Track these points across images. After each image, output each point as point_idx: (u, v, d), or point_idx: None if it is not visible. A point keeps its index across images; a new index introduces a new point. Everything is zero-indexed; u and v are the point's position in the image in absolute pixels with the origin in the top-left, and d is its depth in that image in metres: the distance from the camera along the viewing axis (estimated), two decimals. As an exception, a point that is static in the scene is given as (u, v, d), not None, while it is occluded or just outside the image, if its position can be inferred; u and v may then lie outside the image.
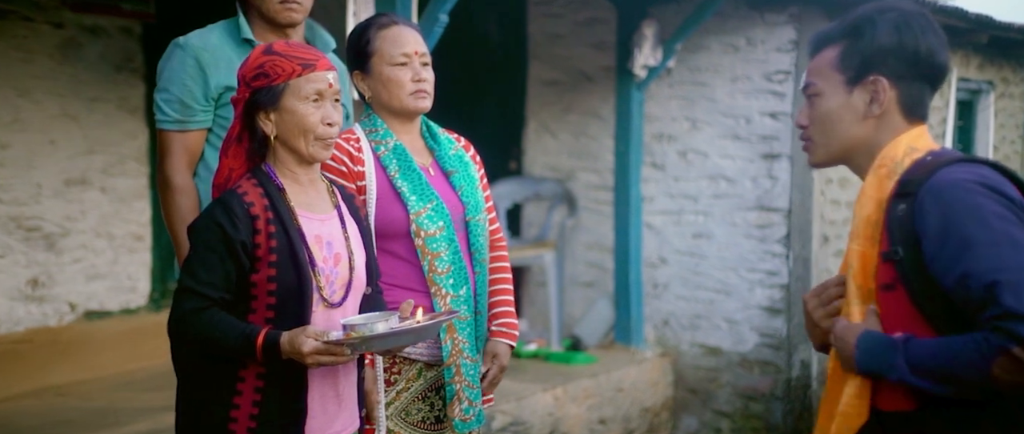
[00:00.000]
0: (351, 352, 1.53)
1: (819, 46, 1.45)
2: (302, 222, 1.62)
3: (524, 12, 5.20)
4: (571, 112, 5.09)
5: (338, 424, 1.70)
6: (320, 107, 1.60)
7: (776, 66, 4.48)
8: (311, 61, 1.61)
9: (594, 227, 5.01)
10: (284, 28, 2.04)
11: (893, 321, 1.35)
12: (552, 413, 3.88)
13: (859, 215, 1.40)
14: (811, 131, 1.45)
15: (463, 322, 1.97)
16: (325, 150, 1.63)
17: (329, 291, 1.62)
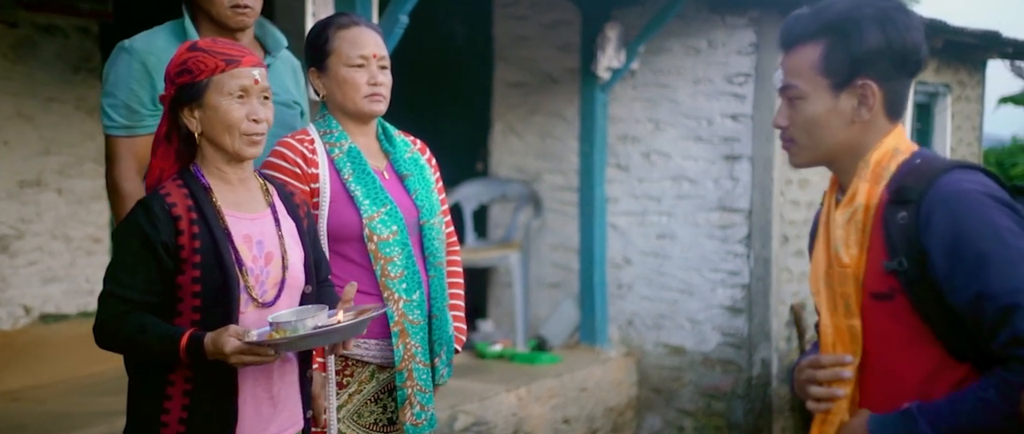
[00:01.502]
0: (275, 351, 1.51)
1: (793, 42, 1.38)
2: (230, 222, 1.60)
3: (490, 14, 5.21)
4: (537, 114, 5.11)
5: (274, 426, 1.68)
6: (245, 103, 1.59)
7: (736, 68, 4.54)
8: (235, 57, 1.59)
9: (559, 228, 5.03)
10: (234, 32, 2.02)
11: (888, 329, 1.31)
12: (515, 413, 3.90)
13: (847, 221, 1.34)
14: (793, 133, 1.39)
15: (416, 326, 1.96)
16: (251, 147, 1.61)
17: (259, 290, 1.61)
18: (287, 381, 1.69)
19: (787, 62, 1.39)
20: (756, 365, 4.50)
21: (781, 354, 4.58)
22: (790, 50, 1.39)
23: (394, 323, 1.93)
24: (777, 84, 1.41)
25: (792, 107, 1.38)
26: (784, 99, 1.40)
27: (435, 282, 2.02)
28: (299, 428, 1.74)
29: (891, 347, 1.31)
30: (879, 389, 1.33)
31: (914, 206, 1.27)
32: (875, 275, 1.31)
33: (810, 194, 4.79)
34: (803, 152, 1.40)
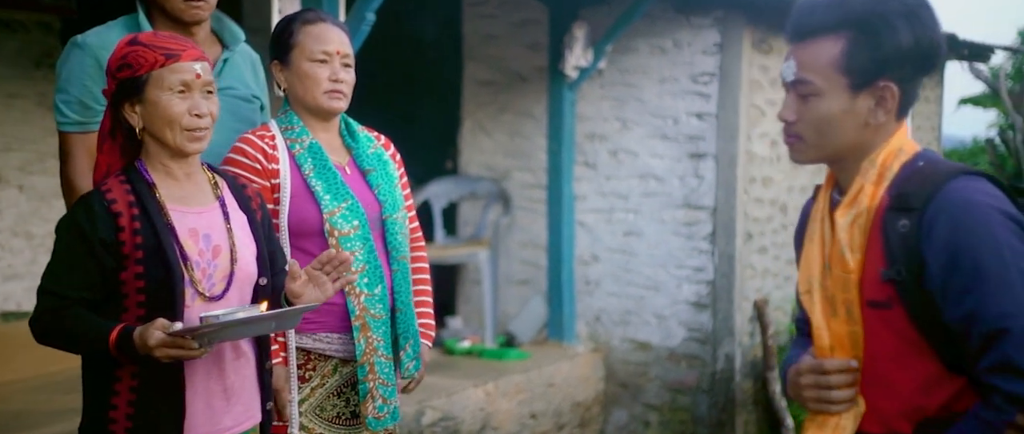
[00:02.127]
0: (200, 344, 1.50)
1: (809, 33, 1.28)
2: (174, 216, 1.60)
3: (459, 13, 5.23)
4: (506, 112, 5.14)
5: (228, 420, 1.68)
6: (186, 98, 1.58)
7: (701, 68, 4.60)
8: (175, 51, 1.58)
9: (528, 226, 5.06)
10: (189, 25, 2.01)
11: (884, 338, 1.27)
12: (483, 408, 3.93)
13: (850, 223, 1.28)
14: (800, 129, 1.31)
15: (378, 321, 1.97)
16: (193, 142, 1.60)
17: (206, 284, 1.61)
18: (243, 375, 1.70)
19: (800, 54, 1.29)
20: (720, 360, 4.57)
21: (744, 349, 4.66)
22: (804, 41, 1.29)
23: (355, 317, 1.94)
24: (787, 77, 1.31)
25: (803, 103, 1.29)
26: (794, 94, 1.31)
27: (399, 276, 2.03)
28: (257, 421, 1.74)
29: (886, 356, 1.28)
30: (872, 396, 1.29)
31: (917, 214, 1.22)
32: (872, 282, 1.26)
33: (773, 192, 4.88)
34: (808, 150, 1.32)
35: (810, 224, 1.39)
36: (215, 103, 1.63)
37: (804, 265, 1.37)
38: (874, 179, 1.28)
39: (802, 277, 1.37)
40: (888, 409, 1.27)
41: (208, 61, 1.64)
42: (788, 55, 1.32)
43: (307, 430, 1.96)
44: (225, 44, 2.12)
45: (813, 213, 1.39)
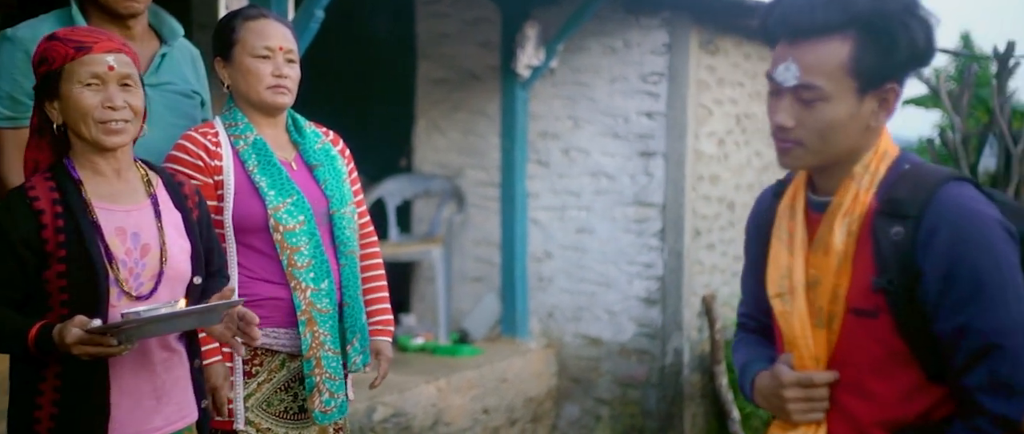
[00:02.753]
0: (120, 341, 1.48)
1: (810, 33, 1.19)
2: (101, 215, 1.58)
3: (412, 11, 5.25)
4: (460, 110, 5.16)
5: (158, 420, 1.66)
6: (99, 91, 1.55)
7: (651, 68, 4.69)
8: (87, 44, 1.55)
9: (482, 223, 5.10)
10: (125, 19, 1.98)
11: (867, 347, 1.23)
12: (435, 404, 3.95)
13: (834, 228, 1.23)
14: (800, 134, 1.22)
15: (324, 315, 1.98)
16: (110, 136, 1.57)
17: (134, 283, 1.59)
18: (175, 374, 1.68)
19: (802, 56, 1.20)
20: (669, 354, 4.67)
21: (693, 343, 4.77)
22: (804, 42, 1.19)
23: (301, 312, 1.95)
24: (787, 81, 1.21)
25: (805, 107, 1.21)
26: (793, 98, 1.22)
27: (347, 271, 2.04)
28: (191, 420, 1.73)
29: (867, 365, 1.24)
30: (847, 404, 1.26)
31: (912, 221, 1.18)
32: (860, 291, 1.22)
33: (721, 190, 4.99)
34: (807, 156, 1.24)
35: (777, 222, 1.33)
36: (137, 96, 1.60)
37: (774, 267, 1.31)
38: (865, 183, 1.23)
39: (773, 279, 1.31)
40: (864, 417, 1.24)
41: (129, 53, 1.61)
42: (782, 56, 1.22)
43: (254, 425, 1.97)
44: (163, 39, 2.10)
45: (780, 211, 1.33)
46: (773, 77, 1.24)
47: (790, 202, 1.33)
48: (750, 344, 1.45)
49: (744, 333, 1.49)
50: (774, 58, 1.25)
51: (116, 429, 1.58)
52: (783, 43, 1.23)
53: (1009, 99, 6.44)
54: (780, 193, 1.37)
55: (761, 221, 1.40)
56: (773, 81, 1.24)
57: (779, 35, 1.23)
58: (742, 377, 1.42)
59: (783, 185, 1.38)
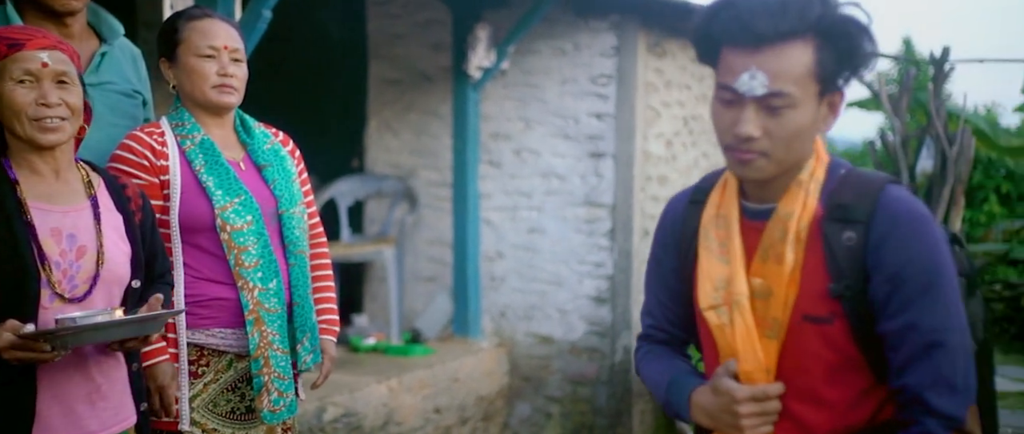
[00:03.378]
0: (53, 347, 1.46)
1: (775, 40, 1.16)
2: (36, 214, 1.56)
3: (363, 12, 5.24)
4: (412, 111, 5.18)
5: (93, 424, 1.62)
6: (33, 88, 1.54)
7: (600, 70, 4.76)
8: (18, 40, 1.54)
9: (434, 223, 5.12)
10: (62, 17, 1.95)
11: (821, 354, 1.22)
12: (386, 404, 3.96)
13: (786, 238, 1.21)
14: (767, 145, 1.19)
15: (273, 314, 1.98)
16: (45, 133, 1.55)
17: (67, 285, 1.56)
18: (112, 377, 1.66)
19: (769, 63, 1.16)
20: (618, 352, 4.75)
21: (642, 340, 4.85)
22: (769, 48, 1.16)
23: (248, 311, 1.95)
24: (756, 90, 1.17)
25: (772, 116, 1.18)
26: (759, 107, 1.18)
27: (296, 270, 2.04)
28: (130, 423, 1.71)
29: (821, 372, 1.23)
30: (799, 413, 1.24)
31: (862, 226, 1.19)
32: (812, 297, 1.21)
33: (668, 190, 5.09)
34: (771, 166, 1.21)
35: (704, 232, 1.30)
36: (74, 94, 1.57)
37: (706, 279, 1.27)
38: (811, 188, 1.22)
39: (705, 291, 1.27)
40: (818, 425, 1.24)
41: (66, 50, 1.59)
42: (743, 65, 1.17)
43: (199, 426, 1.96)
44: (103, 38, 2.07)
45: (706, 221, 1.30)
46: (734, 87, 1.18)
47: (716, 211, 1.30)
48: (663, 357, 1.40)
49: (651, 345, 1.43)
50: (730, 67, 1.18)
51: (46, 431, 1.55)
52: (741, 51, 1.17)
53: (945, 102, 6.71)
54: (699, 201, 1.34)
55: (678, 230, 1.36)
56: (733, 91, 1.18)
57: (735, 42, 1.18)
58: (668, 393, 1.34)
59: (701, 193, 1.35)
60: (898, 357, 1.20)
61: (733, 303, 1.24)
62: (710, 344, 1.31)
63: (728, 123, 1.20)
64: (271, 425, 2.03)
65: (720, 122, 1.22)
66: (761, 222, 1.25)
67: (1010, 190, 10.75)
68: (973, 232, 9.91)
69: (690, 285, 1.33)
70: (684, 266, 1.34)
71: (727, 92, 1.19)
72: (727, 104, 1.20)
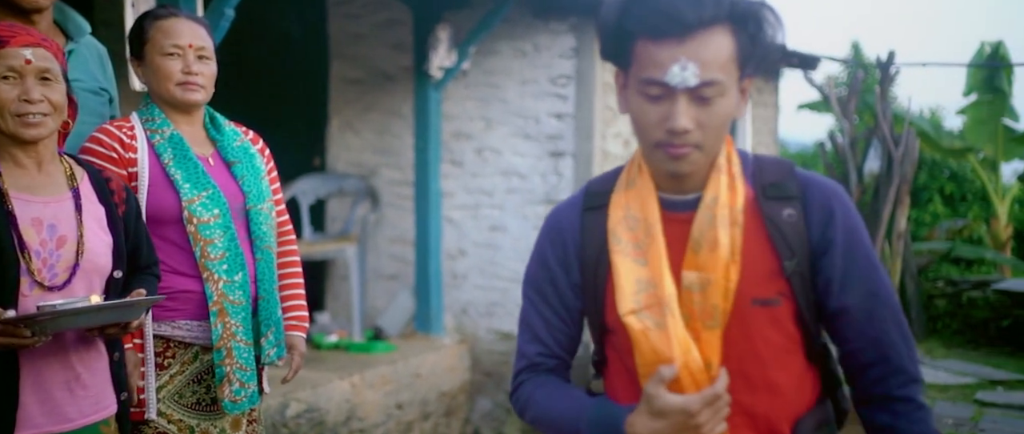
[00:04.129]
0: (33, 333, 1.51)
1: (698, 27, 1.12)
2: (17, 204, 1.60)
3: (324, 12, 5.27)
4: (373, 110, 5.21)
5: (72, 411, 1.66)
6: (16, 84, 1.58)
7: (559, 71, 4.86)
8: (3, 38, 1.59)
9: (396, 221, 5.16)
10: (29, 14, 1.97)
11: (770, 338, 1.20)
12: (349, 400, 3.99)
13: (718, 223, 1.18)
14: (699, 137, 1.16)
15: (237, 307, 2.01)
16: (28, 128, 1.60)
17: (47, 274, 1.60)
18: (94, 367, 1.69)
19: (698, 52, 1.13)
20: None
21: (601, 335, 4.95)
22: (693, 36, 1.12)
23: (213, 303, 1.98)
24: (689, 81, 1.13)
25: (704, 106, 1.14)
26: (690, 98, 1.14)
27: (262, 265, 2.08)
28: (110, 412, 1.74)
29: (771, 357, 1.20)
30: (756, 404, 1.21)
31: (798, 202, 1.20)
32: (758, 279, 1.18)
33: (627, 188, 5.21)
34: (703, 157, 1.18)
35: (613, 236, 1.23)
36: (57, 91, 1.62)
37: (626, 282, 1.20)
38: (734, 173, 1.21)
39: (626, 296, 1.19)
40: (771, 413, 1.21)
41: (50, 48, 1.62)
42: (671, 57, 1.13)
43: (165, 416, 1.99)
44: (69, 36, 2.09)
45: (613, 224, 1.24)
46: (664, 80, 1.13)
47: (624, 212, 1.24)
48: (560, 388, 1.28)
49: (538, 376, 1.31)
50: (653, 60, 1.14)
51: (25, 419, 1.58)
52: (664, 42, 1.13)
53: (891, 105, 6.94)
54: (595, 207, 1.28)
55: (577, 241, 1.28)
56: (661, 84, 1.14)
57: (656, 34, 1.13)
58: (592, 428, 1.21)
59: (596, 198, 1.29)
60: (862, 330, 1.20)
61: (662, 305, 1.17)
62: (624, 354, 1.23)
63: (657, 118, 1.16)
64: (236, 416, 2.07)
65: (646, 119, 1.17)
66: (686, 213, 1.22)
67: (953, 191, 11.13)
68: (918, 231, 10.23)
69: (597, 298, 1.25)
70: (591, 279, 1.25)
71: (654, 87, 1.15)
72: (654, 99, 1.15)
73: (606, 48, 1.22)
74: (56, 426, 1.63)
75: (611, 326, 1.23)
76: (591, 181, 1.33)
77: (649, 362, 1.18)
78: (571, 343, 1.33)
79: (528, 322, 1.32)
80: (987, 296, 7.31)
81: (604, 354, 1.29)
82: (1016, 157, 9.24)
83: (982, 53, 8.99)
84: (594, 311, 1.26)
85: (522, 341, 1.33)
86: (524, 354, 1.32)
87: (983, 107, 8.92)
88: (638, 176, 1.25)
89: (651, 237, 1.21)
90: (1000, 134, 8.98)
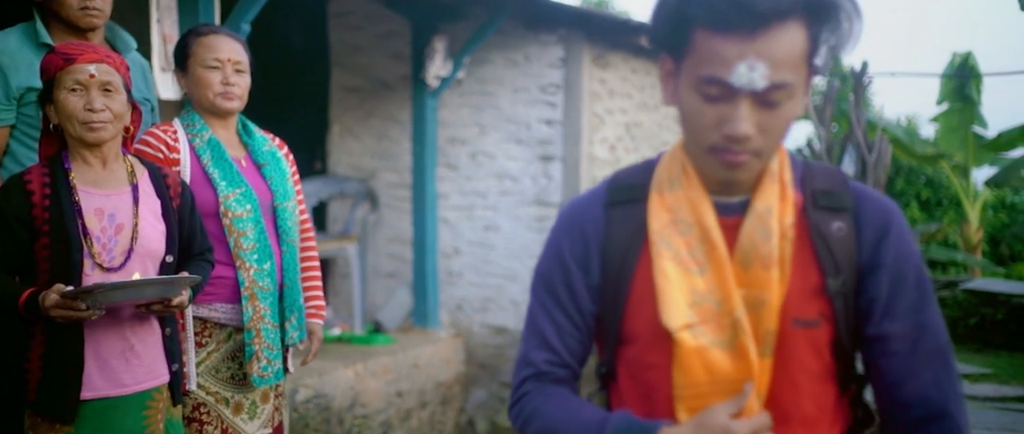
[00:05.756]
0: (88, 306, 1.70)
1: (771, 21, 0.96)
2: (82, 197, 1.80)
3: (325, 24, 5.48)
4: (373, 117, 5.44)
5: (127, 378, 1.85)
6: (82, 95, 1.78)
7: (549, 79, 5.11)
8: (72, 55, 1.79)
9: (395, 222, 5.38)
10: (84, 32, 2.15)
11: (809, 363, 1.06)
12: (353, 387, 4.21)
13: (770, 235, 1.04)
14: (760, 143, 1.01)
15: (265, 292, 2.22)
16: (91, 132, 1.80)
17: (106, 257, 1.79)
18: (147, 341, 1.88)
19: (768, 50, 0.96)
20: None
21: (588, 329, 5.20)
22: (767, 30, 0.96)
23: (244, 288, 2.18)
24: (757, 84, 0.97)
25: (768, 111, 0.99)
26: (754, 102, 0.98)
27: (287, 256, 2.26)
28: (162, 380, 1.92)
29: (804, 385, 1.07)
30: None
31: (850, 215, 1.07)
32: (801, 298, 1.05)
33: (613, 190, 5.47)
34: (758, 164, 1.04)
35: (660, 240, 1.07)
36: (118, 101, 1.81)
37: (678, 292, 1.05)
38: (785, 179, 1.07)
39: (676, 310, 1.04)
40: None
41: (114, 64, 1.81)
42: (739, 54, 0.96)
43: (204, 388, 2.19)
44: (118, 51, 2.29)
45: (660, 226, 1.08)
46: (728, 81, 0.97)
47: (672, 216, 1.08)
48: (571, 400, 1.12)
49: (546, 386, 1.15)
50: (716, 55, 0.97)
51: (88, 382, 1.79)
52: (731, 36, 0.96)
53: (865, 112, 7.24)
54: (623, 202, 1.13)
55: (600, 239, 1.12)
56: (724, 84, 0.97)
57: (722, 26, 0.96)
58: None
59: (624, 192, 1.13)
60: (903, 363, 1.06)
61: (727, 322, 1.03)
62: (641, 368, 1.09)
63: (714, 121, 1.00)
64: (264, 389, 2.28)
65: (701, 120, 1.01)
66: (732, 218, 1.07)
67: (930, 196, 11.45)
68: (895, 234, 10.49)
69: (617, 303, 1.10)
70: (613, 281, 1.10)
71: (714, 86, 0.98)
72: (712, 99, 0.99)
73: (659, 34, 1.04)
74: (114, 391, 1.84)
75: (629, 336, 1.10)
76: (617, 173, 1.17)
77: (696, 383, 1.04)
78: (583, 351, 1.16)
79: (537, 326, 1.16)
80: (956, 296, 7.56)
81: (613, 366, 1.14)
82: (986, 163, 9.55)
83: (954, 64, 9.32)
84: (611, 317, 1.10)
85: (528, 346, 1.17)
86: (530, 361, 1.16)
87: (954, 115, 9.24)
88: (682, 175, 1.09)
89: (710, 245, 1.05)
90: (970, 141, 9.30)
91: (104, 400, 1.82)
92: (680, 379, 1.04)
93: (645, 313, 1.07)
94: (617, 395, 1.15)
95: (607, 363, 1.15)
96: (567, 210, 1.18)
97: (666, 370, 1.05)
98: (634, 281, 1.09)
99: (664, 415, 1.06)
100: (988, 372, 6.38)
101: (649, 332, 1.06)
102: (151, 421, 1.90)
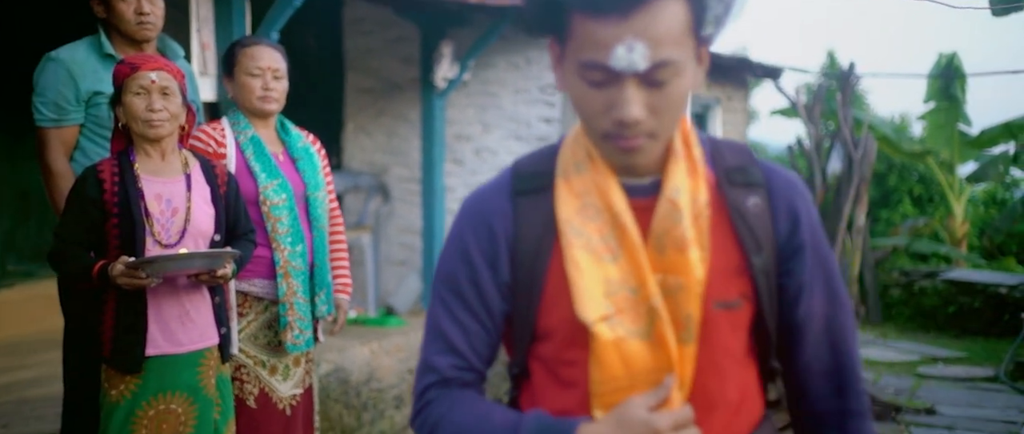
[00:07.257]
0: (147, 274, 1.97)
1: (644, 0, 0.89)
2: (145, 183, 2.06)
3: (340, 30, 5.76)
4: (384, 116, 5.73)
5: (184, 338, 2.11)
6: (144, 99, 2.06)
7: (548, 81, 5.38)
8: (137, 64, 2.07)
9: (405, 213, 5.64)
10: (140, 43, 2.40)
11: (731, 346, 1.00)
12: (369, 363, 4.55)
13: (681, 217, 0.97)
14: (653, 125, 0.94)
15: (297, 271, 2.44)
16: (152, 129, 2.06)
17: (164, 235, 2.07)
18: (200, 308, 2.13)
19: (647, 28, 0.90)
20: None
21: (584, 312, 5.54)
22: (640, 8, 0.90)
23: (279, 266, 2.39)
24: (638, 65, 0.91)
25: (657, 91, 0.93)
26: (639, 83, 0.92)
27: (317, 240, 2.48)
28: (213, 342, 2.15)
29: (727, 369, 1.01)
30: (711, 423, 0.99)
31: (763, 190, 1.01)
32: (722, 279, 0.99)
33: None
34: (656, 146, 0.97)
35: (570, 228, 1.00)
36: (174, 103, 2.07)
37: (591, 283, 0.97)
38: (695, 156, 1.01)
39: (593, 299, 0.96)
40: None
41: (172, 71, 2.08)
42: (615, 36, 0.90)
43: (244, 352, 2.42)
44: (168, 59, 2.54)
45: (568, 213, 1.00)
46: (608, 65, 0.91)
47: (581, 201, 1.01)
48: (482, 404, 1.03)
49: (447, 391, 1.05)
50: (594, 39, 0.92)
51: (151, 342, 2.06)
52: (605, 18, 0.91)
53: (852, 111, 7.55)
54: (528, 191, 1.04)
55: (508, 232, 1.03)
56: (605, 69, 0.92)
57: (594, 8, 0.91)
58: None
59: (528, 180, 1.05)
60: (823, 337, 1.04)
61: (644, 310, 0.96)
62: (557, 364, 1.02)
63: (602, 106, 0.94)
64: (296, 355, 2.53)
65: (589, 107, 0.96)
66: (646, 200, 1.01)
67: (921, 192, 11.71)
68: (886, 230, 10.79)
69: (531, 299, 1.02)
70: (526, 277, 1.02)
71: (595, 71, 0.93)
72: (596, 85, 0.94)
73: (533, 21, 0.99)
74: (173, 349, 2.09)
75: (544, 333, 1.02)
76: (520, 160, 1.09)
77: (614, 377, 0.97)
78: (491, 353, 1.07)
79: (440, 329, 1.06)
80: (936, 285, 7.83)
81: (526, 365, 1.06)
82: (970, 159, 9.84)
83: (940, 64, 9.62)
84: (524, 315, 1.02)
85: (431, 352, 1.07)
86: (433, 367, 1.06)
87: (940, 113, 9.53)
88: (587, 159, 1.02)
89: (621, 230, 0.99)
90: (955, 138, 9.59)
91: (164, 357, 2.08)
92: (596, 374, 0.97)
93: (561, 308, 0.99)
94: (530, 395, 1.07)
95: (519, 363, 1.06)
96: (471, 202, 1.08)
97: (586, 366, 0.98)
98: (548, 275, 1.01)
99: (583, 413, 0.98)
100: (963, 356, 6.71)
101: (566, 327, 0.99)
102: (204, 376, 2.14)
